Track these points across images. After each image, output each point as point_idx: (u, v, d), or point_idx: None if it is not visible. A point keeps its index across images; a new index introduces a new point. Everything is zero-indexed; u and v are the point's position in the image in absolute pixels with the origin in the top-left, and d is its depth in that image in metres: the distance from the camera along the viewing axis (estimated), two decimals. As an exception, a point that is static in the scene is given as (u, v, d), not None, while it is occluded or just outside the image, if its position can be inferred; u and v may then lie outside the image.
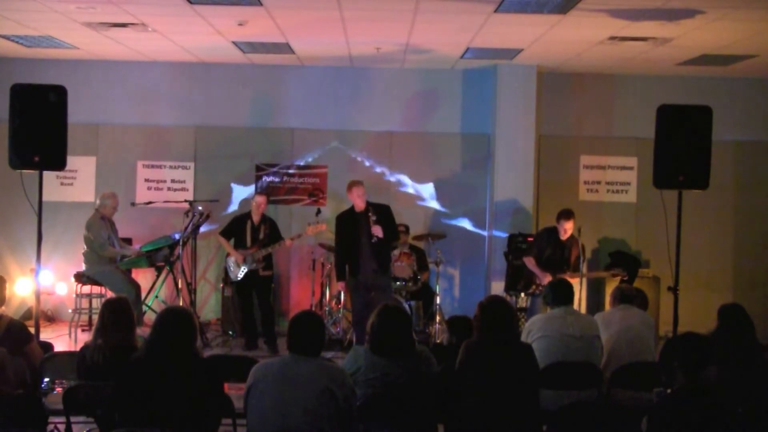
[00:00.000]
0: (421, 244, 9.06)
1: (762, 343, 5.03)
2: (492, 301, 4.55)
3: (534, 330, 5.29)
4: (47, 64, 9.44)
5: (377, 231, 7.28)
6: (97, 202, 8.41)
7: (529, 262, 7.94)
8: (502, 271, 9.00)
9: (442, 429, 4.34)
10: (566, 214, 7.78)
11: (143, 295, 8.47)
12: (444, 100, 9.80)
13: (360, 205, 7.47)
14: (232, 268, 8.35)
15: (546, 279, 7.58)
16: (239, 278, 8.28)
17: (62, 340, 8.33)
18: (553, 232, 7.85)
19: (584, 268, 7.99)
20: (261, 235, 8.27)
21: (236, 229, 8.35)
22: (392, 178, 9.70)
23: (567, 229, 7.74)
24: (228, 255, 8.44)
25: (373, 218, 7.31)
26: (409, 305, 8.28)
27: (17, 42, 8.55)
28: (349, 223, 7.51)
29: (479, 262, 9.71)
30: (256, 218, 8.30)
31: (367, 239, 7.35)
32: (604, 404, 4.84)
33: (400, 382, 4.23)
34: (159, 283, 8.78)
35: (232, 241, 8.38)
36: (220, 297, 9.15)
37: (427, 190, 9.76)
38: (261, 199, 8.31)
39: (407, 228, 8.85)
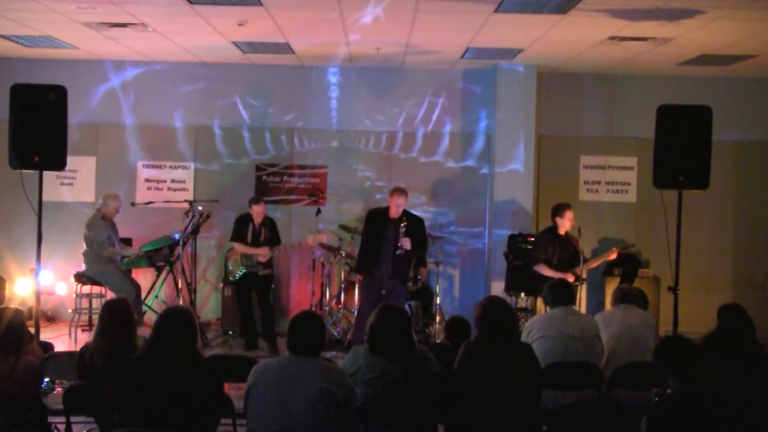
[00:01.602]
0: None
1: (762, 343, 5.03)
2: (492, 301, 4.56)
3: (534, 330, 5.29)
4: (47, 64, 9.44)
5: (405, 243, 7.22)
6: (100, 202, 8.42)
7: (543, 269, 7.73)
8: (502, 271, 9.00)
9: (442, 429, 4.34)
10: (567, 206, 7.80)
11: (143, 295, 8.47)
12: (444, 100, 9.80)
13: (395, 212, 7.41)
14: (230, 268, 8.36)
15: (569, 279, 7.55)
16: (237, 278, 8.30)
17: (62, 340, 8.33)
18: (553, 231, 7.83)
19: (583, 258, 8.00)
20: (262, 237, 8.28)
21: (240, 230, 8.36)
22: (392, 179, 9.69)
23: (571, 219, 7.74)
24: (228, 255, 8.45)
25: (403, 229, 7.22)
26: (409, 305, 8.27)
27: (17, 42, 8.55)
28: (379, 223, 7.45)
29: (479, 262, 9.71)
30: (257, 221, 8.31)
31: (392, 248, 7.28)
32: (604, 404, 4.84)
33: (400, 382, 4.23)
34: (159, 283, 8.78)
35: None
36: (220, 297, 9.14)
37: (427, 190, 9.76)
38: (260, 208, 8.28)
39: None
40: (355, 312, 7.94)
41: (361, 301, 7.72)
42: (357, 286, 8.30)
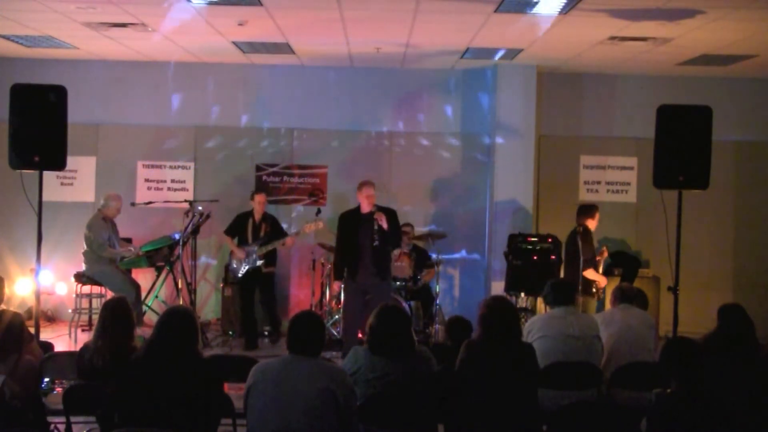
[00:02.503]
0: (421, 243, 9.06)
1: (762, 343, 5.03)
2: (497, 300, 4.57)
3: (534, 330, 5.29)
4: (47, 64, 9.44)
5: (381, 220, 6.96)
6: (101, 202, 8.43)
7: (592, 274, 7.58)
8: (502, 271, 8.97)
9: (442, 429, 4.34)
10: (597, 207, 7.92)
11: (143, 295, 8.47)
12: (444, 100, 9.80)
13: (366, 206, 7.18)
14: (234, 266, 8.39)
15: (604, 282, 7.60)
16: (240, 276, 8.31)
17: (62, 340, 8.33)
18: (590, 233, 7.81)
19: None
20: (262, 233, 8.33)
21: (238, 227, 8.39)
22: (392, 179, 9.70)
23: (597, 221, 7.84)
24: (231, 253, 8.47)
25: (375, 209, 7.01)
26: (409, 305, 8.27)
27: (17, 42, 8.55)
28: (352, 223, 7.24)
29: (479, 262, 9.71)
30: (257, 216, 8.35)
31: (369, 242, 7.07)
32: (604, 404, 4.84)
33: (400, 382, 4.23)
34: (159, 283, 8.78)
35: (236, 239, 8.46)
36: (220, 297, 9.15)
37: (427, 190, 9.75)
38: (261, 198, 8.38)
39: (412, 226, 8.87)
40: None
41: (344, 307, 7.51)
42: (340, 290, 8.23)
